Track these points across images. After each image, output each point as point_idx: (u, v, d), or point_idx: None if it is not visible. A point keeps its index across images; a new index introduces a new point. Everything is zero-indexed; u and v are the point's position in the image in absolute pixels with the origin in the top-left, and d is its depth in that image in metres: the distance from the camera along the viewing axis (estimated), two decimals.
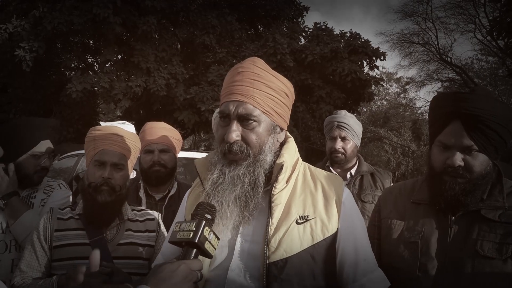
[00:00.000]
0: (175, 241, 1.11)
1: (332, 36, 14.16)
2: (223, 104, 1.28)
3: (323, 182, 1.33)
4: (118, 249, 1.73)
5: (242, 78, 1.25)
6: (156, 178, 2.37)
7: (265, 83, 1.26)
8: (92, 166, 1.75)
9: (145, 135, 2.42)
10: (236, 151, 1.22)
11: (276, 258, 1.17)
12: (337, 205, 1.27)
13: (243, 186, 1.22)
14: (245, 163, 1.24)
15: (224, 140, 1.24)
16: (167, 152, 2.40)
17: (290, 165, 1.29)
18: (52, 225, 1.72)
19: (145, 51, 12.83)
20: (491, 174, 1.43)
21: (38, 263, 1.67)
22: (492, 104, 1.36)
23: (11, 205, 1.94)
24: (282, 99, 1.29)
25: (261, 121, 1.25)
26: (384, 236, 1.57)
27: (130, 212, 1.85)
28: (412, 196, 1.58)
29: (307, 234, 1.21)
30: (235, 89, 1.25)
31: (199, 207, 1.16)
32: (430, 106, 1.54)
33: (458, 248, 1.39)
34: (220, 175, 1.25)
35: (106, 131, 1.82)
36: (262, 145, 1.25)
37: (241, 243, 1.23)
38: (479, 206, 1.41)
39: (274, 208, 1.22)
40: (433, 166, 1.47)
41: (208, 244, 1.08)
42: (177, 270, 1.01)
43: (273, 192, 1.23)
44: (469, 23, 20.39)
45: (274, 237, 1.19)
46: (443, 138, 1.42)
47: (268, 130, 1.27)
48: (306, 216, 1.23)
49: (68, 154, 6.08)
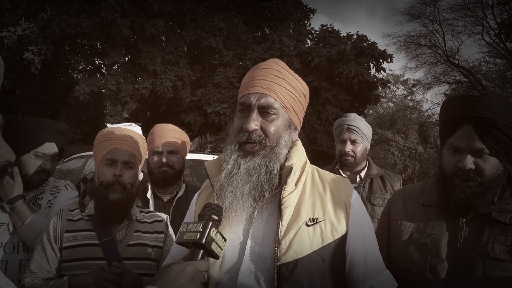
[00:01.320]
0: (182, 242, 1.12)
1: (339, 38, 14.18)
2: (243, 96, 1.31)
3: (331, 185, 1.34)
4: (127, 250, 1.74)
5: (264, 73, 1.30)
6: (163, 179, 2.39)
7: (286, 80, 1.31)
8: (103, 165, 1.78)
9: (154, 137, 2.44)
10: (255, 139, 1.25)
11: (286, 259, 1.17)
12: (346, 207, 1.28)
13: (259, 176, 1.24)
14: (262, 153, 1.26)
15: (242, 130, 1.26)
16: (175, 154, 2.42)
17: (298, 168, 1.30)
18: (62, 226, 1.74)
19: (152, 53, 12.93)
20: (502, 177, 1.42)
21: (48, 264, 1.68)
22: (503, 107, 1.36)
23: (17, 209, 1.93)
24: (300, 98, 1.34)
25: (280, 115, 1.29)
26: (393, 238, 1.57)
27: (138, 213, 1.87)
28: (421, 198, 1.58)
29: (316, 236, 1.22)
30: (256, 82, 1.29)
31: (206, 208, 1.17)
32: (441, 109, 1.55)
33: (469, 250, 1.39)
34: (235, 166, 1.26)
35: (116, 131, 1.86)
36: (279, 138, 1.28)
37: (251, 245, 1.23)
38: (490, 209, 1.41)
39: (284, 210, 1.23)
40: (444, 169, 1.47)
41: (214, 245, 1.08)
42: (184, 270, 1.02)
43: (283, 194, 1.24)
44: (477, 25, 20.10)
45: (284, 239, 1.20)
46: (454, 141, 1.42)
47: (285, 126, 1.31)
48: (315, 218, 1.24)
49: (76, 155, 6.12)
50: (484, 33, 19.93)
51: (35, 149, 2.04)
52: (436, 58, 22.64)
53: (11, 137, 1.95)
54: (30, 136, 2.06)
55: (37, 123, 2.15)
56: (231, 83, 13.33)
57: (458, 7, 19.92)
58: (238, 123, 1.30)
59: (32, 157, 2.04)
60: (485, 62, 23.48)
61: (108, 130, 1.90)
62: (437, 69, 23.44)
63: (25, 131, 2.07)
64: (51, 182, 2.19)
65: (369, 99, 14.06)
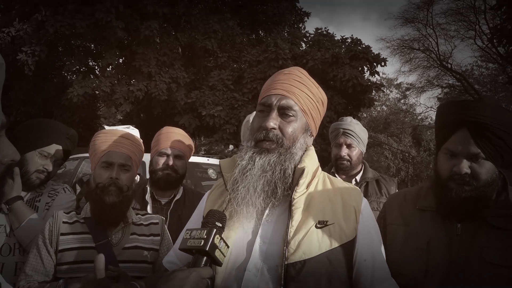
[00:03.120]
0: (185, 249, 1.11)
1: (333, 41, 14.18)
2: (264, 97, 1.36)
3: (342, 191, 1.37)
4: (123, 253, 1.73)
5: (286, 78, 1.36)
6: (165, 181, 2.37)
7: (307, 86, 1.36)
8: (99, 168, 1.77)
9: (161, 138, 2.44)
10: (272, 137, 1.29)
11: (294, 259, 1.18)
12: (356, 213, 1.30)
13: (274, 173, 1.26)
14: (277, 152, 1.29)
15: (261, 128, 1.31)
16: (181, 158, 2.42)
17: (311, 171, 1.34)
18: (57, 229, 1.72)
19: (146, 55, 12.96)
20: (497, 181, 1.42)
21: (43, 267, 1.66)
22: (499, 112, 1.37)
23: (15, 209, 1.91)
24: (318, 105, 1.39)
25: (299, 117, 1.33)
26: (389, 243, 1.56)
27: (134, 215, 1.86)
28: (417, 202, 1.58)
29: (325, 238, 1.23)
30: (278, 85, 1.35)
31: (210, 215, 1.17)
32: (436, 113, 1.56)
33: (464, 255, 1.39)
34: (249, 162, 1.29)
35: (112, 134, 1.86)
36: (295, 140, 1.32)
37: (260, 244, 1.24)
38: (485, 214, 1.40)
39: (294, 211, 1.25)
40: (440, 173, 1.47)
41: (218, 252, 1.08)
42: (188, 278, 1.02)
43: (294, 196, 1.26)
44: (470, 29, 20.35)
45: (293, 239, 1.21)
46: (450, 145, 1.42)
47: (302, 129, 1.35)
48: (325, 221, 1.26)
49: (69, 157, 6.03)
50: (476, 38, 20.20)
51: (41, 148, 2.05)
52: (429, 62, 22.84)
53: (21, 135, 2.08)
54: (40, 135, 2.07)
55: (49, 124, 2.17)
56: (226, 85, 13.32)
57: (451, 12, 20.16)
58: (257, 122, 1.34)
59: (37, 155, 2.04)
60: (478, 66, 23.78)
61: (105, 132, 1.89)
62: (430, 73, 23.69)
63: (36, 130, 2.09)
64: (49, 185, 2.18)
65: (363, 102, 14.05)
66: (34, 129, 2.10)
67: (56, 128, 2.14)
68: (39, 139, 2.06)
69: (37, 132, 2.08)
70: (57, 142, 2.10)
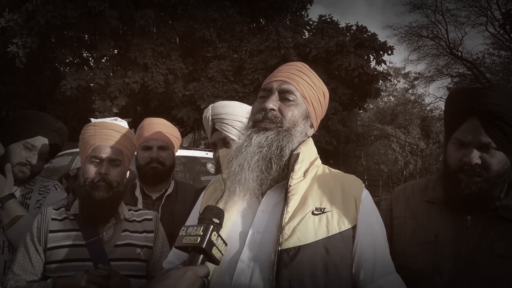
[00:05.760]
0: (181, 246, 1.11)
1: (338, 29, 14.17)
2: (266, 84, 1.40)
3: (342, 180, 1.36)
4: (115, 250, 1.72)
5: (289, 68, 1.42)
6: (153, 175, 2.35)
7: (308, 75, 1.40)
8: (88, 163, 1.75)
9: (143, 131, 2.42)
10: (271, 117, 1.30)
11: (288, 245, 1.17)
12: (356, 201, 1.29)
13: (270, 148, 1.27)
14: (276, 130, 1.29)
15: (260, 109, 1.33)
16: (165, 149, 2.39)
17: (307, 158, 1.33)
18: (46, 226, 1.71)
19: (142, 45, 12.86)
20: (509, 172, 1.42)
21: (32, 266, 1.66)
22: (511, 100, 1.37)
23: (7, 208, 1.91)
24: (320, 96, 1.41)
25: (299, 103, 1.35)
26: (396, 236, 1.57)
27: (127, 212, 1.84)
28: (425, 195, 1.58)
29: (322, 225, 1.22)
30: (280, 73, 1.40)
31: (207, 211, 1.16)
32: (446, 102, 1.56)
33: (474, 248, 1.39)
34: (246, 140, 1.30)
35: (101, 127, 1.83)
36: (295, 124, 1.33)
37: (253, 235, 1.23)
38: (496, 206, 1.41)
39: (290, 197, 1.24)
40: (449, 164, 1.47)
41: (215, 249, 1.08)
42: (183, 276, 1.02)
43: (290, 183, 1.26)
44: (481, 15, 20.06)
45: (288, 225, 1.20)
46: (459, 135, 1.43)
47: (302, 115, 1.36)
48: (323, 208, 1.25)
49: (63, 152, 5.87)
50: (488, 24, 19.89)
51: (25, 139, 2.03)
52: (439, 50, 22.60)
53: (6, 128, 2.09)
54: (24, 126, 2.07)
55: (35, 114, 2.16)
56: (226, 76, 13.26)
57: None
58: (256, 106, 1.36)
59: (20, 147, 2.02)
60: (489, 54, 23.53)
61: (92, 125, 1.86)
62: (440, 62, 23.49)
63: (21, 121, 2.09)
64: (39, 181, 2.17)
65: (369, 93, 13.85)
66: (19, 120, 2.10)
67: (41, 120, 2.12)
68: (24, 130, 2.05)
69: (22, 124, 2.08)
70: (42, 134, 2.07)
